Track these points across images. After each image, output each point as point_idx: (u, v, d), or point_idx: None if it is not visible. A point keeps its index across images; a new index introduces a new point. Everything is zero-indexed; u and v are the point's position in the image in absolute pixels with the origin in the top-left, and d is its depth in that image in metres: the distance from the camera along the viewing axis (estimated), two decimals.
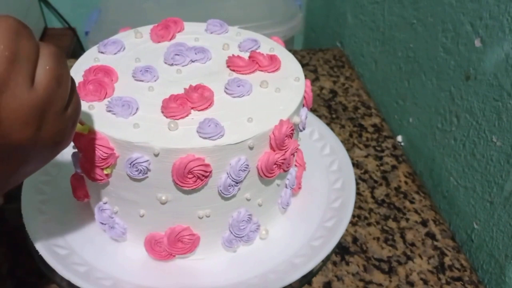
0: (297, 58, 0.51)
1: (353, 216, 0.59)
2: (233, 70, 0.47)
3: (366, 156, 0.69)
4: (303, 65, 0.86)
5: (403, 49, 0.74)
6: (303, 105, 0.48)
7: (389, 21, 0.78)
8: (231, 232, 0.46)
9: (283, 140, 0.42)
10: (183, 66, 0.48)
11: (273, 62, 0.48)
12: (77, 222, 0.51)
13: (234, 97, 0.44)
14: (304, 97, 0.47)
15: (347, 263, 0.54)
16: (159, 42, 0.51)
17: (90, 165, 0.41)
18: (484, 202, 0.57)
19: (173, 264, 0.47)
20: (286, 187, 0.50)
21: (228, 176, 0.41)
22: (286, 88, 0.46)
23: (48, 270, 0.46)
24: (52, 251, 0.46)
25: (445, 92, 0.64)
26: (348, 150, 0.62)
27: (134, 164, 0.39)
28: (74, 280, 0.44)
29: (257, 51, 0.49)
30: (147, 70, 0.46)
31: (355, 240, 0.56)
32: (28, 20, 1.21)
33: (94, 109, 0.42)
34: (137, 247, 0.47)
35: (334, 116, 0.76)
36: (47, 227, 0.49)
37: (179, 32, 0.53)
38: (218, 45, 0.51)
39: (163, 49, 0.49)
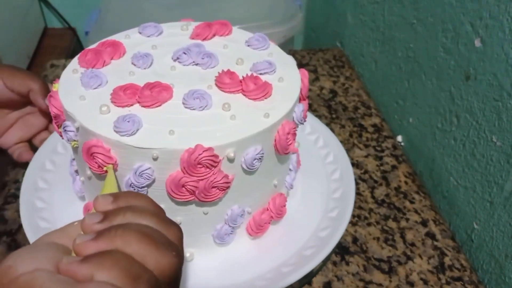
0: (297, 58, 0.50)
1: (353, 216, 0.59)
2: (216, 85, 0.45)
3: (366, 156, 0.69)
4: (303, 65, 0.87)
5: (403, 49, 0.74)
6: (273, 148, 0.44)
7: (389, 21, 0.78)
8: None
9: (194, 166, 0.39)
10: (184, 65, 0.48)
11: (259, 90, 0.44)
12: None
13: (186, 107, 0.42)
14: (275, 139, 0.43)
15: (347, 263, 0.54)
16: (193, 39, 0.51)
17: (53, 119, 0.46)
18: (484, 202, 0.57)
19: None
20: (225, 222, 0.46)
21: (130, 178, 0.40)
22: (245, 119, 0.41)
23: None
24: None
25: (445, 92, 0.64)
26: (348, 150, 0.62)
27: (65, 130, 0.42)
28: None
29: (259, 75, 0.46)
30: (143, 57, 0.47)
31: (355, 240, 0.57)
32: (28, 20, 1.21)
33: (76, 73, 0.45)
34: None
35: (334, 116, 0.76)
36: (46, 227, 0.48)
37: (221, 35, 0.52)
38: (235, 58, 0.48)
39: (185, 45, 0.50)
